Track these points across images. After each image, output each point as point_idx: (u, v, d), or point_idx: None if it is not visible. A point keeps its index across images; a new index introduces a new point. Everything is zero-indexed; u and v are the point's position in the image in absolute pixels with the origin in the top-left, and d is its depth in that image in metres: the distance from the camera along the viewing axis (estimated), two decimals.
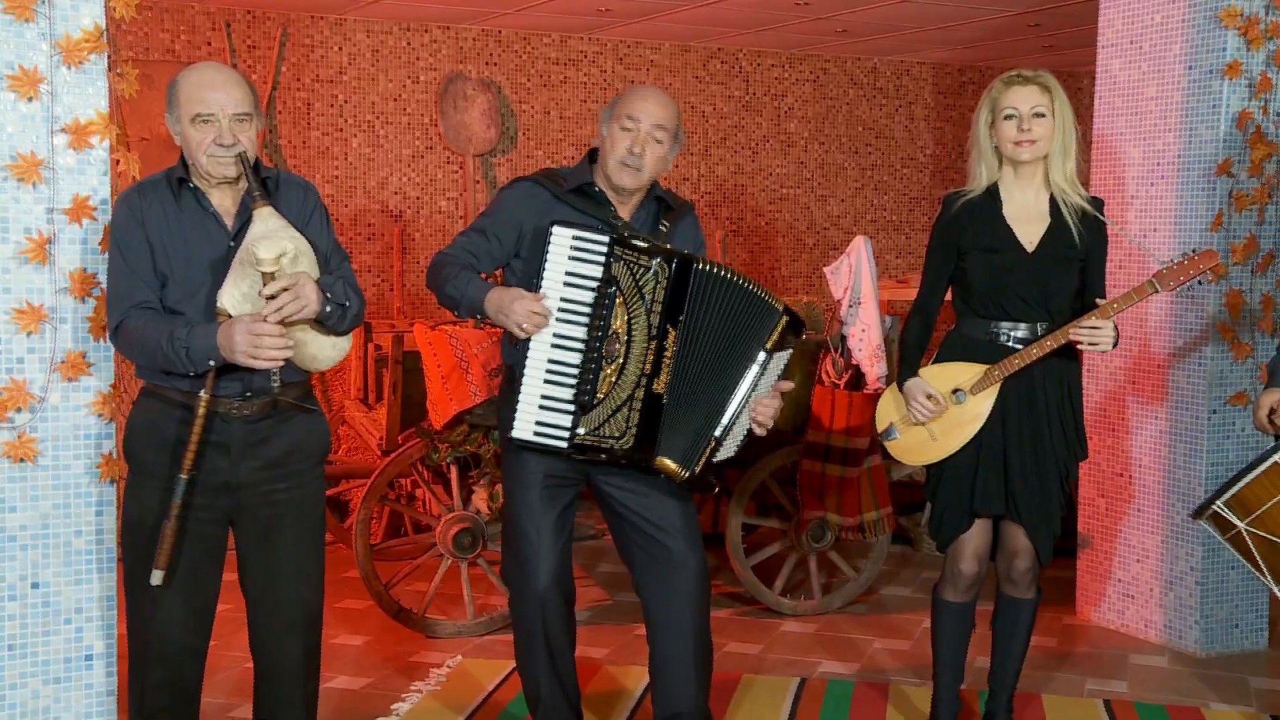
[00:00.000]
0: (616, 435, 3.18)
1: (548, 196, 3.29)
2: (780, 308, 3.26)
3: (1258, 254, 4.49)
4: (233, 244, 2.85)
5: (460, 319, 3.29)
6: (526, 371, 3.15)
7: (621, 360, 3.15)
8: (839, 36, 7.51)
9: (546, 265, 3.13)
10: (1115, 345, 3.39)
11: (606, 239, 3.12)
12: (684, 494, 3.39)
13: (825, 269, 5.14)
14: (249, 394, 2.89)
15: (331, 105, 7.15)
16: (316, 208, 3.00)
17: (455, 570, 4.91)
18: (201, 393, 2.79)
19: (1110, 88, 4.85)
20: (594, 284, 3.12)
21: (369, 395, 5.65)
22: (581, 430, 3.16)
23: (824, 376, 4.99)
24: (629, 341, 3.15)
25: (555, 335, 3.13)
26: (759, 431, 3.34)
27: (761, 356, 3.27)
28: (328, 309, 2.85)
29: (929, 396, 3.41)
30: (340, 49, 7.14)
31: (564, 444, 3.16)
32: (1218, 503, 3.04)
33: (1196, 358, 4.58)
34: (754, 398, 3.29)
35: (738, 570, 5.01)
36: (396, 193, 7.34)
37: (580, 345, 3.14)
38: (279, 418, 2.94)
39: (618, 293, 3.12)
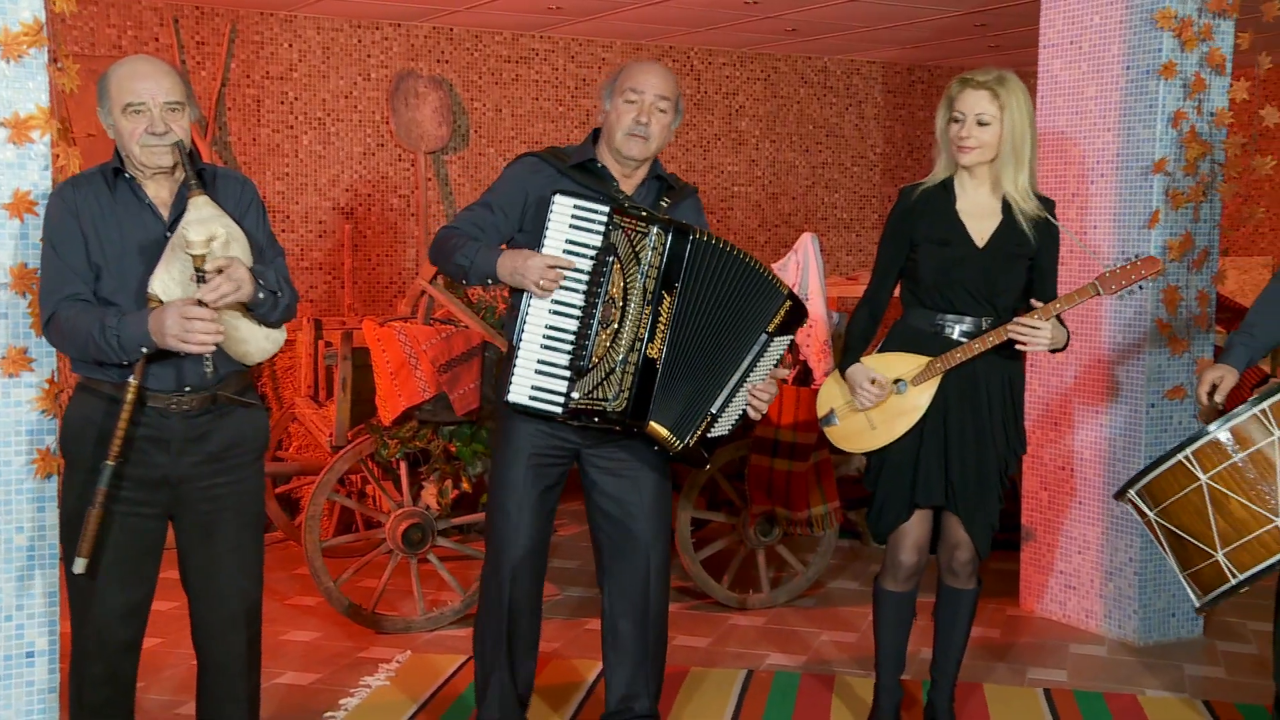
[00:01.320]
0: (610, 398, 3.23)
1: (551, 171, 3.34)
2: (785, 291, 3.33)
3: (1193, 251, 4.58)
4: (168, 234, 2.86)
5: (468, 285, 3.38)
6: (524, 337, 3.20)
7: (617, 325, 3.21)
8: (789, 35, 7.57)
9: (548, 233, 3.19)
10: (1064, 347, 3.44)
11: (606, 208, 3.18)
12: (663, 486, 3.46)
13: (773, 266, 5.19)
14: (188, 389, 2.89)
15: (282, 102, 7.13)
16: (254, 202, 3.01)
17: (406, 566, 4.92)
18: (130, 379, 2.78)
19: (1052, 87, 4.93)
20: (593, 252, 3.18)
21: (319, 392, 5.64)
22: (576, 395, 3.21)
23: None
24: (624, 306, 3.21)
25: (554, 301, 3.20)
26: (754, 415, 3.40)
27: (763, 339, 3.33)
28: (260, 295, 2.85)
29: (873, 381, 3.46)
30: (290, 46, 7.12)
31: (559, 409, 3.21)
32: (1131, 490, 3.11)
33: (1135, 353, 4.66)
34: (751, 380, 3.36)
35: (687, 565, 5.05)
36: (348, 190, 7.33)
37: (578, 312, 3.20)
38: (218, 412, 2.94)
39: (615, 260, 3.18)
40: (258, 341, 2.96)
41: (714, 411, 3.33)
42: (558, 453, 3.38)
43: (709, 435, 3.36)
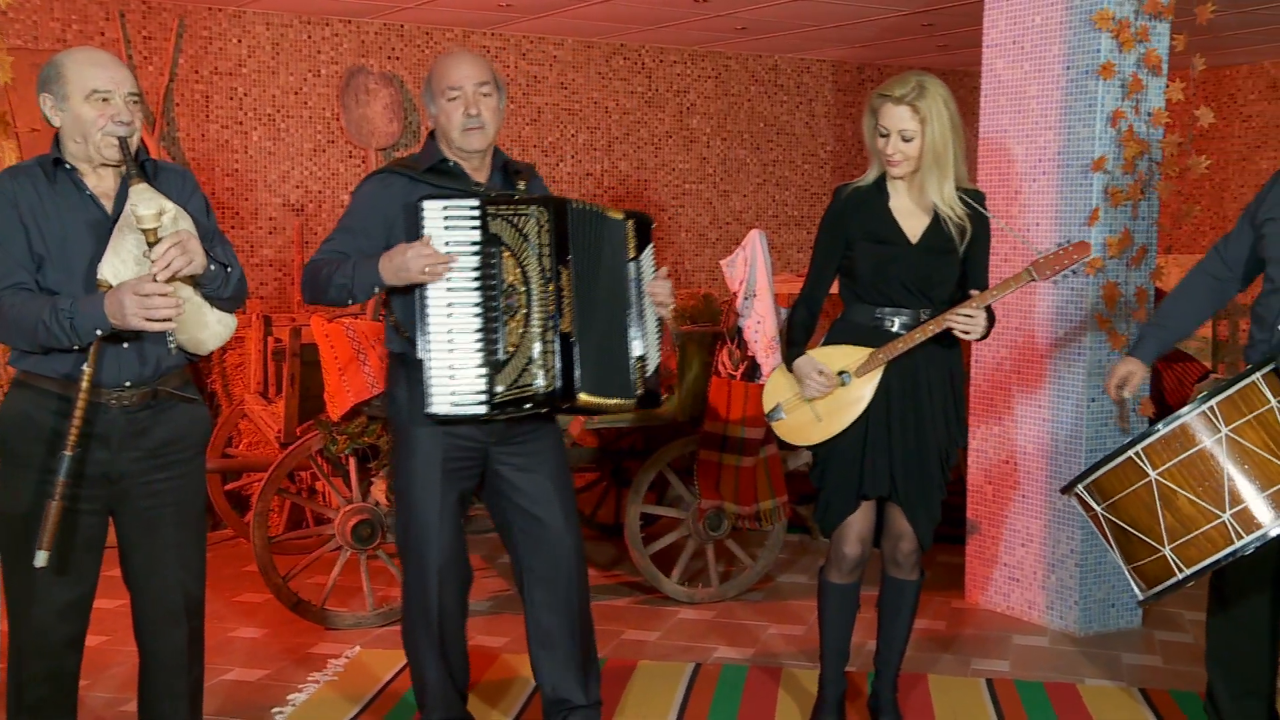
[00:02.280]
0: (538, 381, 3.22)
1: (404, 181, 3.32)
2: (622, 216, 3.40)
3: (1132, 247, 4.66)
4: (113, 228, 2.85)
5: (355, 302, 3.31)
6: (431, 345, 3.17)
7: (525, 310, 3.21)
8: (739, 34, 7.61)
9: (431, 242, 3.18)
10: (987, 334, 3.50)
11: (476, 202, 3.20)
12: (567, 473, 3.50)
13: (721, 262, 5.24)
14: (129, 383, 2.88)
15: (231, 98, 7.10)
16: (195, 191, 3.01)
17: (355, 562, 4.92)
18: (85, 366, 2.76)
19: (995, 86, 5.00)
20: (475, 247, 3.18)
21: (269, 389, 5.63)
22: (500, 388, 3.20)
23: (720, 367, 5.09)
24: (527, 290, 3.21)
25: (450, 304, 3.18)
26: (665, 314, 3.48)
27: (631, 268, 3.41)
28: (212, 267, 2.85)
29: (820, 373, 3.51)
30: (239, 41, 7.09)
31: (484, 407, 3.20)
32: (1079, 486, 3.15)
33: (1076, 348, 4.74)
34: (645, 298, 3.44)
35: (636, 559, 5.08)
36: (298, 186, 7.30)
37: (477, 309, 3.19)
38: (159, 407, 2.94)
39: (503, 248, 3.19)
40: (211, 327, 2.96)
41: (639, 355, 3.41)
42: (468, 455, 3.38)
43: (649, 374, 3.44)
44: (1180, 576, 2.98)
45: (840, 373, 3.52)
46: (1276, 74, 8.09)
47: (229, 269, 2.90)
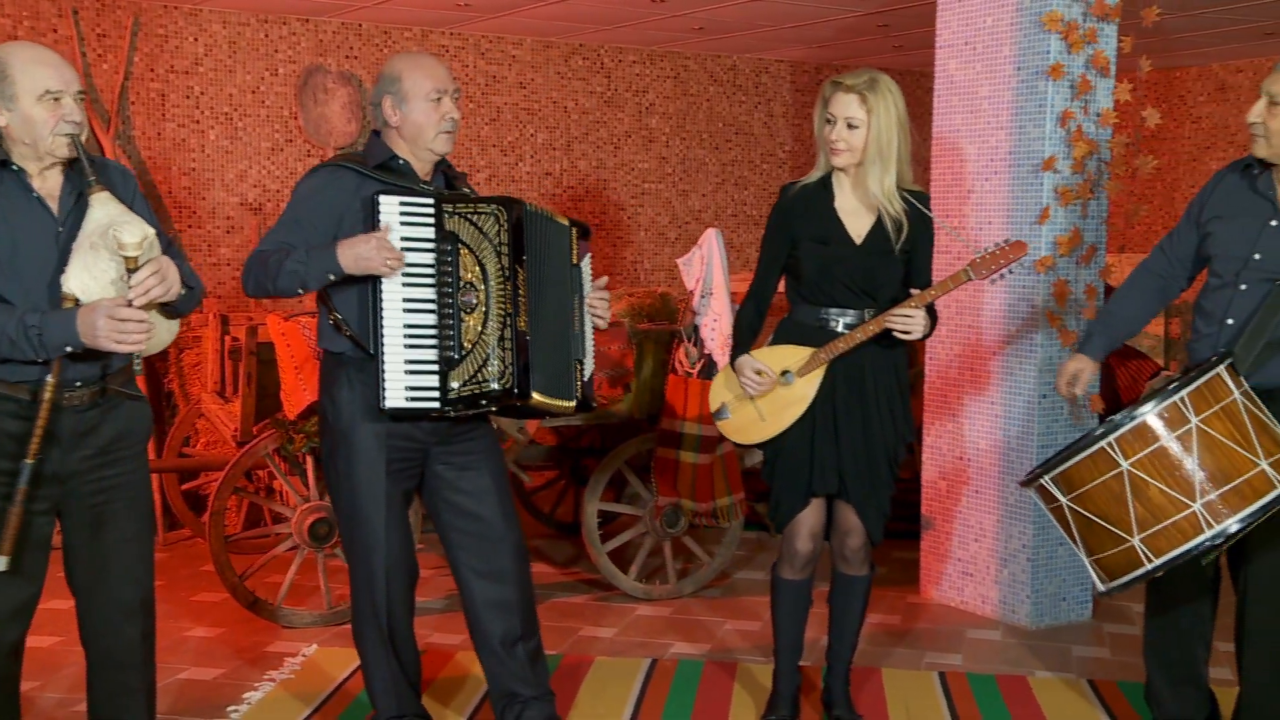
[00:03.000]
0: (495, 377, 3.23)
1: (353, 175, 3.29)
2: (566, 222, 3.44)
3: (1081, 246, 4.73)
4: (61, 229, 2.84)
5: (305, 292, 3.25)
6: (386, 340, 3.17)
7: (484, 307, 3.23)
8: (697, 34, 7.65)
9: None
10: (929, 333, 3.54)
11: (431, 199, 3.21)
12: (504, 472, 3.52)
13: (678, 260, 5.27)
14: (78, 384, 2.88)
15: (187, 97, 7.06)
16: (136, 193, 3.00)
17: (313, 561, 4.92)
18: (48, 378, 2.77)
19: (948, 87, 5.06)
20: (430, 243, 3.19)
21: (226, 388, 5.62)
22: (455, 385, 3.21)
23: (677, 365, 5.12)
24: (485, 287, 3.23)
25: (405, 299, 3.18)
26: (602, 325, 3.52)
27: (574, 272, 3.45)
28: (183, 292, 2.87)
29: (758, 372, 3.55)
30: (196, 40, 7.05)
31: (437, 403, 3.20)
32: (1045, 477, 3.18)
33: (1027, 345, 4.81)
34: (584, 306, 3.48)
35: (594, 556, 5.11)
36: (256, 186, 7.28)
37: (432, 304, 3.19)
38: (106, 406, 2.94)
39: (461, 245, 3.20)
40: (161, 333, 2.97)
41: (578, 358, 3.46)
42: (410, 454, 3.38)
43: (586, 379, 3.49)
44: (1150, 566, 3.01)
45: (783, 372, 3.56)
46: (1225, 76, 8.22)
47: (194, 289, 2.92)
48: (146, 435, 3.06)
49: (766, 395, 3.58)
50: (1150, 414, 3.02)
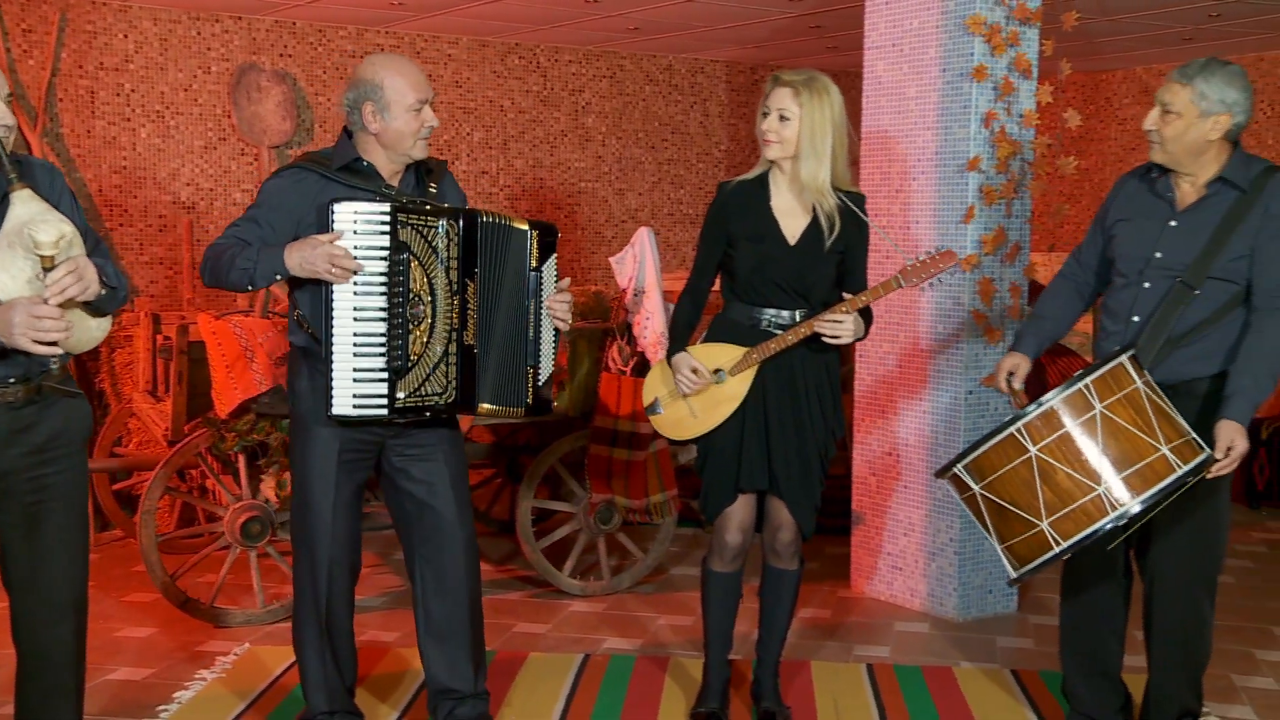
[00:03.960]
0: (439, 391, 3.30)
1: (315, 178, 3.34)
2: (526, 226, 3.46)
3: (1006, 244, 4.82)
4: None
5: (255, 289, 3.30)
6: (335, 347, 3.20)
7: (429, 320, 3.26)
8: (632, 34, 7.69)
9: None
10: (864, 336, 3.61)
11: (387, 208, 3.21)
12: (462, 464, 3.56)
13: (611, 259, 5.31)
14: (13, 380, 2.87)
15: (118, 94, 7.00)
16: (64, 190, 2.99)
17: (246, 560, 4.90)
18: None
19: (876, 87, 5.13)
20: (384, 253, 3.20)
21: (158, 387, 5.58)
22: (401, 394, 3.24)
23: (610, 363, 5.16)
24: (433, 301, 3.27)
25: (356, 308, 3.20)
26: (564, 327, 3.55)
27: (533, 278, 3.47)
28: (104, 291, 2.86)
29: (694, 370, 3.60)
30: (125, 36, 6.99)
31: (384, 410, 3.24)
32: (958, 466, 3.26)
33: (954, 342, 4.89)
34: (544, 309, 3.50)
35: (528, 553, 5.13)
36: (188, 184, 7.22)
37: (382, 314, 3.22)
38: (43, 403, 2.93)
39: (411, 257, 3.22)
40: (91, 332, 2.95)
41: (531, 364, 3.48)
42: (366, 448, 3.43)
43: (541, 383, 3.51)
44: (1058, 549, 3.09)
45: (716, 370, 3.61)
46: (1149, 79, 8.39)
47: (116, 288, 2.91)
48: (85, 434, 3.04)
49: (697, 393, 3.63)
50: (1056, 401, 3.11)
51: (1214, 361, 3.33)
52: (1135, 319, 3.38)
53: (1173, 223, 3.36)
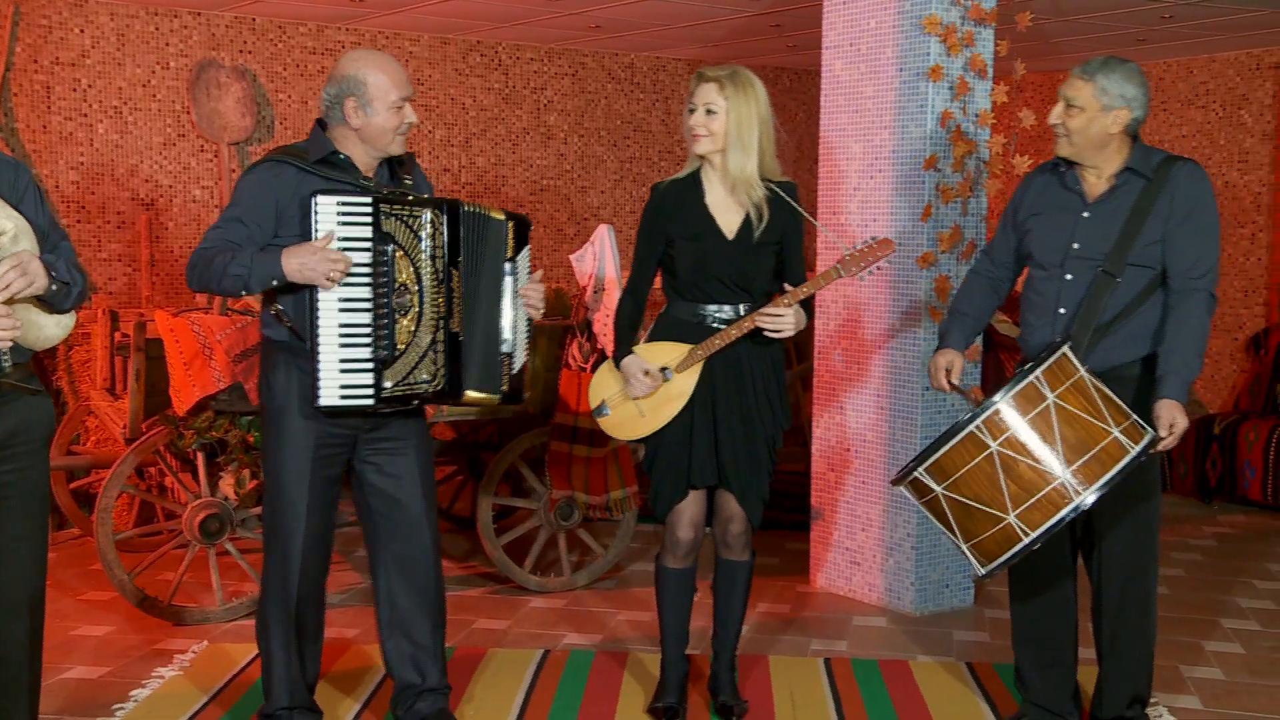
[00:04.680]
0: (428, 379, 3.34)
1: (293, 171, 3.34)
2: (503, 217, 3.48)
3: (962, 242, 4.87)
4: None
5: (249, 294, 3.30)
6: (321, 339, 3.22)
7: (417, 309, 3.30)
8: (593, 32, 7.70)
9: (318, 234, 3.21)
10: (803, 327, 3.65)
11: (369, 199, 3.24)
12: (430, 461, 3.59)
13: (571, 256, 5.33)
14: None
15: (74, 89, 6.95)
16: (29, 186, 2.98)
17: (205, 558, 4.88)
18: None
19: (834, 87, 5.17)
20: (368, 244, 3.23)
21: (116, 385, 5.55)
22: (388, 384, 3.28)
23: (570, 360, 5.17)
24: (420, 290, 3.29)
25: (341, 299, 3.23)
26: (536, 316, 3.58)
27: (507, 267, 3.49)
28: (54, 287, 2.85)
29: (646, 373, 3.63)
30: (82, 31, 6.94)
31: (371, 400, 3.27)
32: (919, 470, 3.30)
33: (910, 339, 4.94)
34: (519, 299, 3.53)
35: (489, 550, 5.14)
36: (147, 181, 7.18)
37: (368, 304, 3.25)
38: (3, 400, 2.92)
39: (396, 247, 3.25)
40: (49, 329, 2.94)
41: (506, 351, 3.51)
42: (339, 442, 3.45)
43: (515, 371, 3.54)
44: (1027, 540, 3.15)
45: (662, 369, 3.65)
46: None
47: (70, 285, 2.89)
48: (46, 431, 3.03)
49: (648, 395, 3.66)
50: (1011, 395, 3.18)
51: (1141, 345, 3.44)
52: (1062, 310, 3.48)
53: (1085, 214, 3.47)
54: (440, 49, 8.09)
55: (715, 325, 3.64)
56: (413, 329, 3.29)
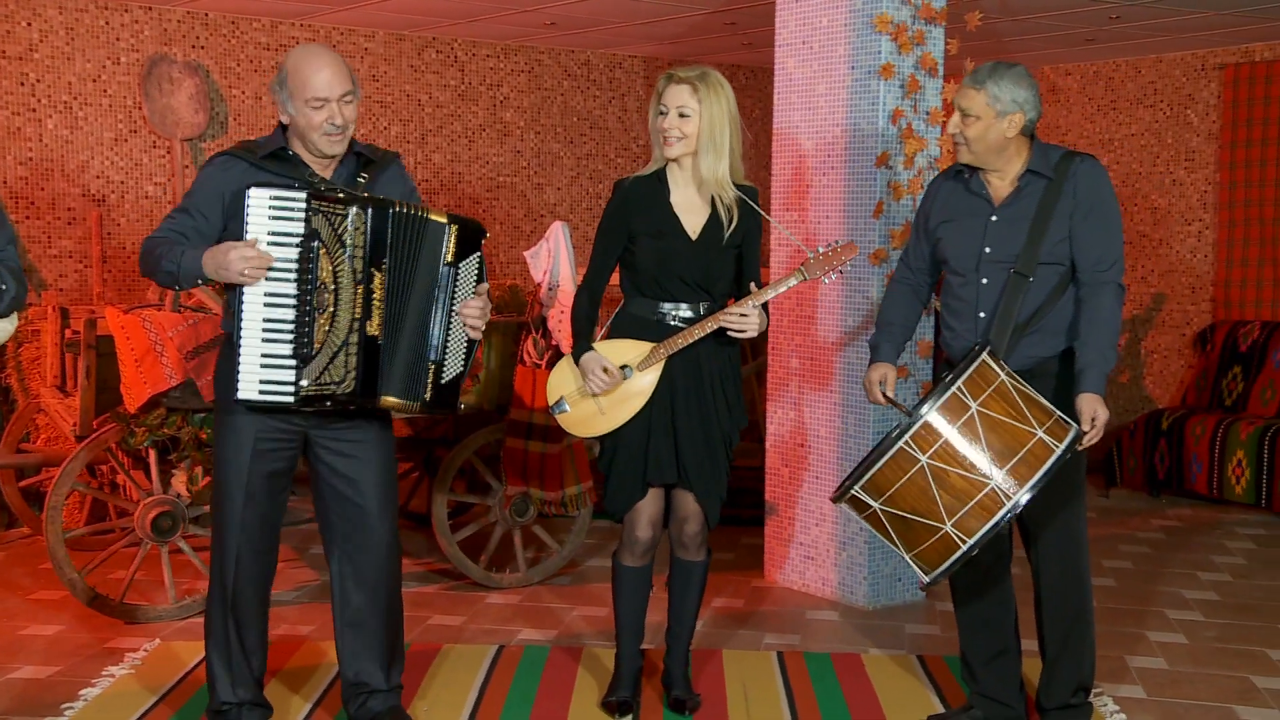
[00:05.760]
0: (338, 380, 3.30)
1: (244, 165, 3.37)
2: (444, 220, 3.40)
3: None
4: None
5: (182, 289, 3.39)
6: (244, 332, 3.23)
7: (332, 309, 3.28)
8: (548, 29, 7.71)
9: (248, 227, 3.21)
10: (764, 328, 3.68)
11: (303, 195, 3.23)
12: (390, 461, 3.57)
13: (525, 253, 5.33)
14: None
15: (22, 84, 6.87)
16: None
17: (157, 555, 4.85)
18: None
19: (787, 84, 5.21)
20: (297, 239, 3.22)
21: (66, 382, 5.50)
22: (305, 382, 3.26)
23: (525, 357, 5.18)
24: (336, 289, 3.27)
25: (267, 294, 3.23)
26: (474, 334, 3.47)
27: (446, 271, 3.41)
28: None
29: (605, 370, 3.63)
30: (29, 25, 6.87)
31: (290, 398, 3.26)
32: (855, 488, 3.34)
33: (863, 335, 4.98)
34: (457, 309, 3.43)
35: (444, 546, 5.14)
36: (99, 176, 7.12)
37: (292, 300, 3.24)
38: None
39: (320, 244, 3.24)
40: None
41: (434, 359, 3.43)
42: (284, 436, 3.44)
43: (443, 381, 3.45)
44: (965, 548, 3.19)
45: (622, 367, 3.66)
46: (1056, 79, 8.58)
47: (4, 289, 2.88)
48: None
49: (607, 392, 3.66)
50: (934, 408, 3.23)
51: (1058, 341, 3.50)
52: (982, 314, 3.53)
53: (994, 218, 3.52)
54: (396, 45, 8.07)
55: (675, 324, 3.66)
56: (327, 328, 3.28)
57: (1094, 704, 3.82)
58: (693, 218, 3.67)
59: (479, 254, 3.48)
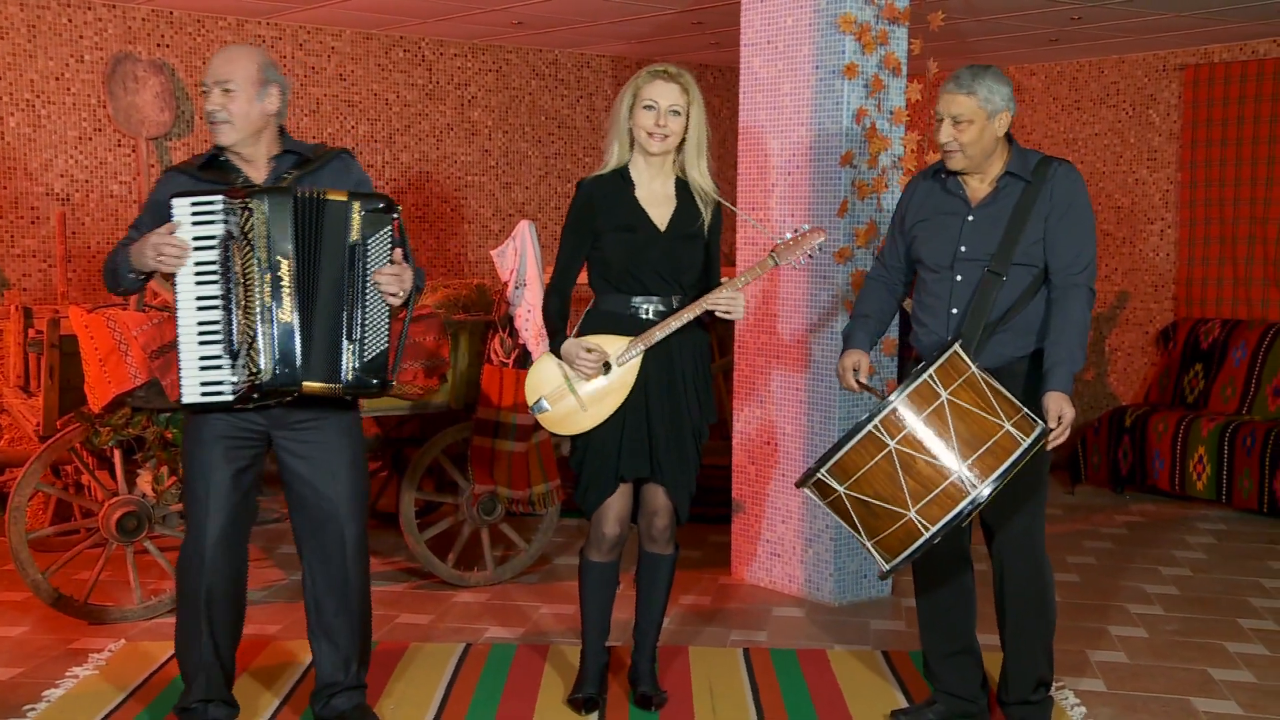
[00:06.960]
0: (259, 371, 3.33)
1: (186, 178, 3.45)
2: (344, 198, 3.37)
3: (878, 237, 4.95)
4: None
5: (130, 291, 3.47)
6: (181, 337, 3.29)
7: (245, 301, 3.32)
8: (516, 29, 7.71)
9: (176, 235, 3.29)
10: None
11: (219, 196, 3.30)
12: (357, 461, 3.58)
13: (492, 252, 5.33)
14: None
15: None
16: None
17: (122, 556, 4.83)
18: None
19: (753, 83, 5.23)
20: (214, 241, 3.30)
21: (30, 382, 5.47)
22: (236, 379, 3.31)
23: (492, 355, 5.19)
24: (247, 282, 3.32)
25: (198, 297, 3.29)
26: (394, 302, 3.42)
27: (353, 248, 3.38)
28: None
29: (588, 350, 3.64)
30: None
31: (229, 397, 3.31)
32: (821, 471, 3.37)
33: (828, 332, 5.02)
34: (370, 285, 3.38)
35: (412, 545, 5.14)
36: (63, 175, 7.07)
37: (220, 302, 3.30)
38: None
39: (234, 241, 3.30)
40: None
41: (354, 338, 3.39)
42: (247, 435, 3.47)
43: (366, 360, 3.40)
44: (927, 535, 3.23)
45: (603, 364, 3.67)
46: (1021, 79, 8.64)
47: None
48: None
49: (585, 385, 3.67)
50: (905, 394, 3.27)
51: (1028, 341, 3.54)
52: (954, 311, 3.57)
53: (970, 218, 3.57)
54: (363, 44, 8.05)
55: (648, 318, 3.68)
56: (244, 322, 3.32)
57: (1055, 698, 3.86)
58: (659, 210, 3.70)
59: (389, 228, 3.41)
